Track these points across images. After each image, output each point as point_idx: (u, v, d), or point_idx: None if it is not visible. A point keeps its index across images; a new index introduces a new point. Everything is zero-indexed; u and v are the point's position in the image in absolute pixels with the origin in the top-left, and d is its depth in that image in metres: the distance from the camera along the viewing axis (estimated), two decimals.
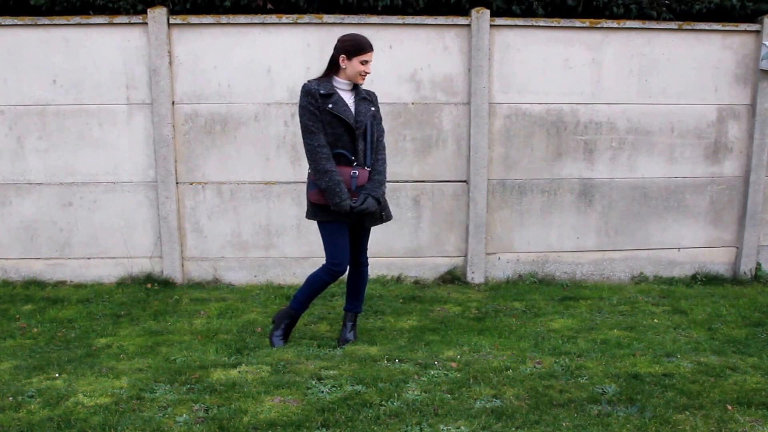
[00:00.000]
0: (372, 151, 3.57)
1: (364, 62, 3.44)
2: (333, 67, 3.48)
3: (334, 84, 3.47)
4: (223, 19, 4.66)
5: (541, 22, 4.81)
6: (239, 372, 3.31)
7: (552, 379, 3.25)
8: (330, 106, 3.40)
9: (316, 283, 3.63)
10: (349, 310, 3.87)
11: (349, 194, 3.45)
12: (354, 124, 3.46)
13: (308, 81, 3.48)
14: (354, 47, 3.41)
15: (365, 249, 3.78)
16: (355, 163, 3.49)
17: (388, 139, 4.41)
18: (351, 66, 3.43)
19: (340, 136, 3.46)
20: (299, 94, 3.45)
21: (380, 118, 3.66)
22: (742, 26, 4.93)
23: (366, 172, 3.50)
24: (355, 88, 3.54)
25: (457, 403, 2.98)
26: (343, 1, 4.84)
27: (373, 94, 3.65)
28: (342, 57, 3.43)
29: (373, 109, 3.57)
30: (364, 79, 3.48)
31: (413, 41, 4.78)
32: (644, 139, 5.00)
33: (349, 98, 3.50)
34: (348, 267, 3.67)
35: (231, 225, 4.91)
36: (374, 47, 3.39)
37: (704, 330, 4.08)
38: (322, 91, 3.40)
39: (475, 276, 5.03)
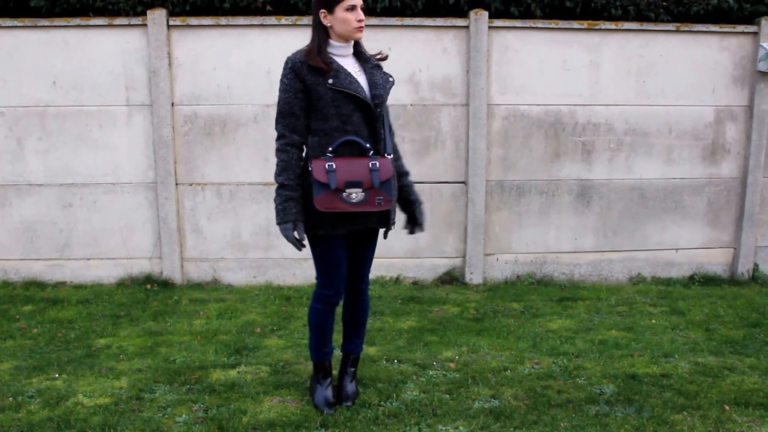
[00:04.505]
0: (391, 135, 2.78)
1: (351, 8, 2.59)
2: (319, 31, 2.65)
3: (330, 51, 2.67)
4: (223, 20, 4.68)
5: (539, 23, 4.82)
6: (238, 372, 3.32)
7: (550, 379, 3.26)
8: (330, 81, 2.59)
9: (315, 319, 2.88)
10: (348, 352, 3.06)
11: (370, 193, 2.63)
12: (371, 99, 2.66)
13: (293, 53, 2.66)
14: None
15: (369, 269, 2.98)
16: (371, 152, 2.67)
17: None
18: (337, 20, 2.61)
19: (347, 117, 2.63)
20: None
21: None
22: (740, 28, 4.95)
23: (388, 161, 2.67)
24: (358, 53, 2.76)
25: (456, 403, 3.00)
26: None
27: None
28: (323, 13, 2.62)
29: (392, 79, 2.77)
30: (361, 30, 2.64)
31: (412, 43, 4.79)
32: (642, 140, 5.02)
33: (352, 66, 2.70)
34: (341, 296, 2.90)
35: (230, 226, 4.92)
36: (373, 49, 2.89)
37: (702, 330, 4.10)
38: (311, 64, 2.59)
39: (474, 277, 5.04)
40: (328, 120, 2.63)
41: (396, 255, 5.01)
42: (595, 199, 5.07)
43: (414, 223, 3.02)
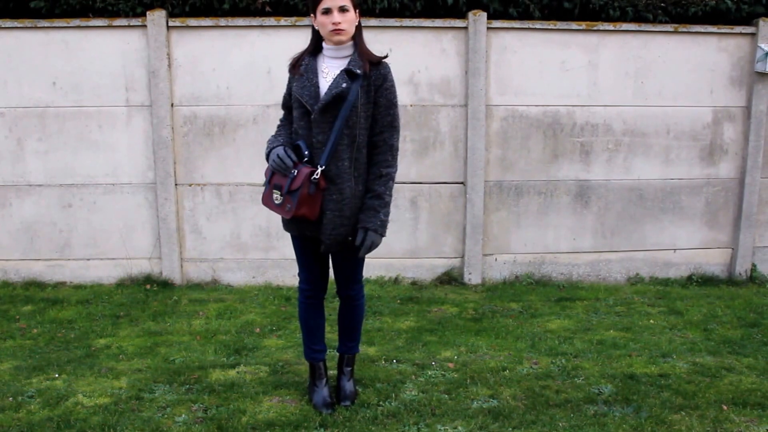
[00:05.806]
0: (335, 147, 2.62)
1: (326, 11, 2.58)
2: (313, 34, 2.75)
3: (325, 54, 2.72)
4: (222, 21, 4.68)
5: (538, 24, 4.84)
6: (238, 372, 3.33)
7: (548, 379, 3.27)
8: (294, 85, 2.73)
9: (300, 313, 3.02)
10: (342, 352, 3.10)
11: (285, 198, 2.63)
12: (310, 103, 2.63)
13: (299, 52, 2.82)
14: None
15: (353, 279, 2.93)
16: (305, 159, 2.64)
17: None
18: (318, 24, 2.65)
19: (298, 121, 2.72)
20: None
21: (386, 104, 2.68)
22: (738, 29, 4.96)
23: (308, 172, 2.59)
24: (355, 54, 2.69)
25: (455, 403, 3.01)
26: None
27: (385, 69, 2.70)
28: (311, 17, 2.68)
29: (345, 85, 2.58)
30: (338, 34, 2.60)
31: (411, 44, 4.80)
32: (640, 140, 5.03)
33: (334, 71, 2.68)
34: (321, 292, 3.01)
35: (230, 226, 4.93)
36: (375, 50, 2.81)
37: (700, 331, 4.11)
38: (290, 65, 2.77)
39: (472, 277, 5.05)
40: (293, 121, 2.80)
41: (395, 255, 5.02)
42: (593, 199, 5.08)
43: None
